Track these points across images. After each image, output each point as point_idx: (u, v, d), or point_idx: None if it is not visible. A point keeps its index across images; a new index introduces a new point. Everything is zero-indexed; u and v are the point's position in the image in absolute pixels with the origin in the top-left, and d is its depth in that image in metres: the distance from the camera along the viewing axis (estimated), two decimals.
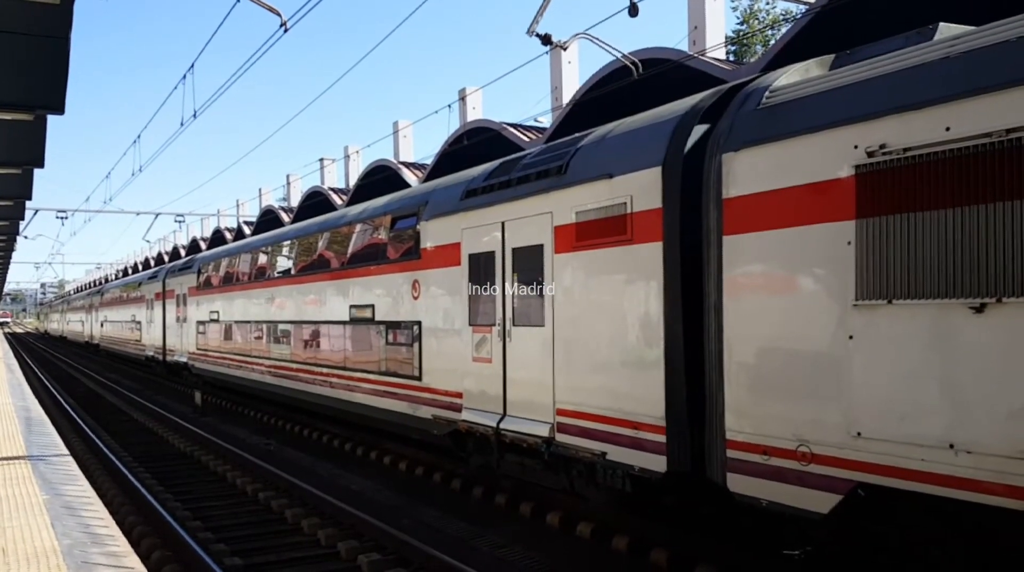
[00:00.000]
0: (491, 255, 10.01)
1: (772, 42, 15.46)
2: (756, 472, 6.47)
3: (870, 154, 5.62)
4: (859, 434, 5.69)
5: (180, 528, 9.13)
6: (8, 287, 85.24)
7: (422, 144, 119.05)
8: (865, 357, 5.66)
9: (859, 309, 5.69)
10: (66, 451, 11.07)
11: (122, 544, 6.30)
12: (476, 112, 20.87)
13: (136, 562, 5.86)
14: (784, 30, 13.75)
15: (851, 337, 5.75)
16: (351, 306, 13.92)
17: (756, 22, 38.25)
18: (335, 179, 30.91)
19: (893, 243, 5.48)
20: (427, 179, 19.75)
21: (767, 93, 6.79)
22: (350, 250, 14.40)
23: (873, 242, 5.60)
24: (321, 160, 31.08)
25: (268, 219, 33.18)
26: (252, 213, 38.29)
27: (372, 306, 13.21)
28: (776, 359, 6.38)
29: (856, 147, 5.73)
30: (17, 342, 72.05)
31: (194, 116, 14.28)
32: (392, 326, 12.57)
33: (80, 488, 8.45)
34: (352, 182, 26.88)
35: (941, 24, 6.23)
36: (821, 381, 5.98)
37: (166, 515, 9.72)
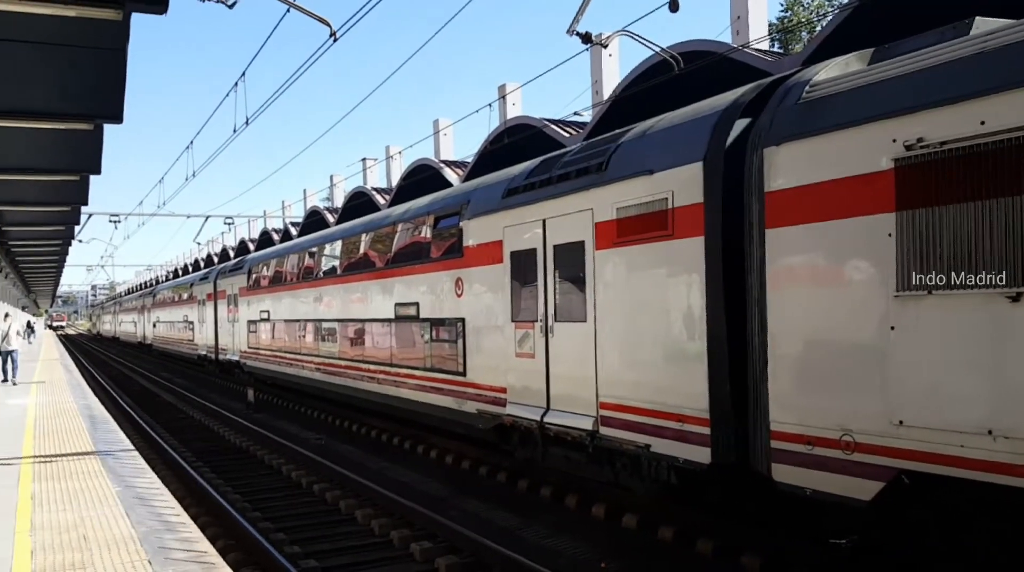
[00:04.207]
0: (532, 252, 10.20)
1: (818, 29, 15.38)
2: (800, 462, 6.59)
3: (908, 148, 5.71)
4: (901, 422, 5.78)
5: (242, 518, 9.52)
6: (60, 290, 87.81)
7: (463, 143, 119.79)
8: (906, 347, 5.75)
9: (900, 300, 5.78)
10: (131, 446, 11.59)
11: (193, 530, 6.67)
12: (516, 109, 20.98)
13: (208, 546, 6.21)
14: (829, 18, 13.69)
15: (892, 328, 5.84)
16: (396, 304, 14.24)
17: (801, 8, 37.77)
18: (377, 179, 31.40)
19: (932, 234, 5.57)
20: (468, 178, 20.01)
21: (807, 87, 6.89)
22: (394, 249, 14.72)
23: (913, 234, 5.69)
24: (364, 160, 31.54)
25: (314, 220, 33.87)
26: (298, 214, 39.05)
27: (416, 304, 13.51)
28: (819, 350, 6.49)
29: (895, 141, 5.82)
30: (71, 344, 74.25)
31: (246, 123, 14.70)
32: (436, 323, 12.85)
33: (148, 480, 8.89)
34: (394, 182, 27.29)
35: (978, 18, 6.27)
36: (864, 371, 6.08)
37: (228, 507, 10.11)
